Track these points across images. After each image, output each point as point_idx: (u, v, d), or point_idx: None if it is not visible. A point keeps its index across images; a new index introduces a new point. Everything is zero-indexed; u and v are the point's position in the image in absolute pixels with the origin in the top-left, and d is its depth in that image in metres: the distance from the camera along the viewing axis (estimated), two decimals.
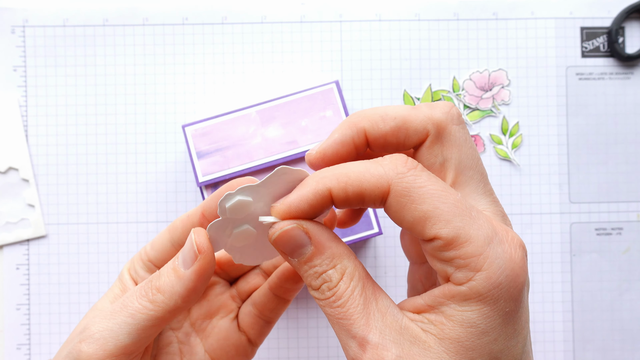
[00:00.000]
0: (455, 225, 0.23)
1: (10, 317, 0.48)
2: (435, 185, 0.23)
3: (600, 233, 0.49)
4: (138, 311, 0.27)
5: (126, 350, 0.27)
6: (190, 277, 0.27)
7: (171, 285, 0.27)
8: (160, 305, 0.27)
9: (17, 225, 0.48)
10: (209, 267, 0.27)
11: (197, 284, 0.27)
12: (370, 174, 0.23)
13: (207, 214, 0.30)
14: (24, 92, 0.48)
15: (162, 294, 0.27)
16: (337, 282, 0.24)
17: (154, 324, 0.27)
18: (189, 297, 0.27)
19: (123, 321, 0.27)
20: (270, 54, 0.49)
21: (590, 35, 0.49)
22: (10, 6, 0.48)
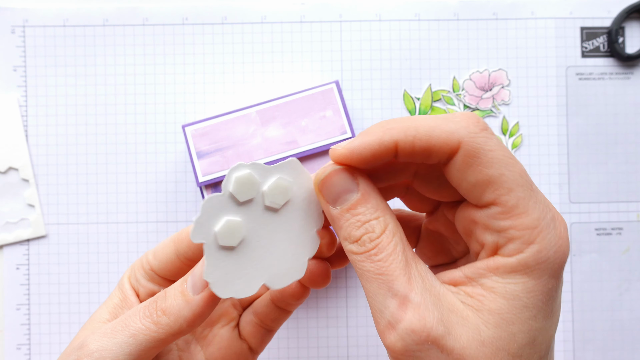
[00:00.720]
0: (516, 195, 0.22)
1: (10, 317, 0.48)
2: (504, 151, 0.23)
3: (600, 233, 0.49)
4: (140, 332, 0.27)
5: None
6: (198, 304, 0.27)
7: (178, 309, 0.27)
8: (165, 328, 0.27)
9: (17, 225, 0.48)
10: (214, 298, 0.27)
11: (205, 310, 0.27)
12: (441, 129, 0.23)
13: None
14: (24, 92, 0.48)
15: (168, 316, 0.27)
16: (380, 233, 0.23)
17: (156, 345, 0.27)
18: (195, 322, 0.27)
19: (124, 341, 0.27)
20: (270, 54, 0.49)
21: (590, 35, 0.49)
22: (10, 6, 0.48)
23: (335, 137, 0.43)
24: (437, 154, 0.23)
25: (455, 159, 0.23)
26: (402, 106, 0.49)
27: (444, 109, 0.49)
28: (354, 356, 0.48)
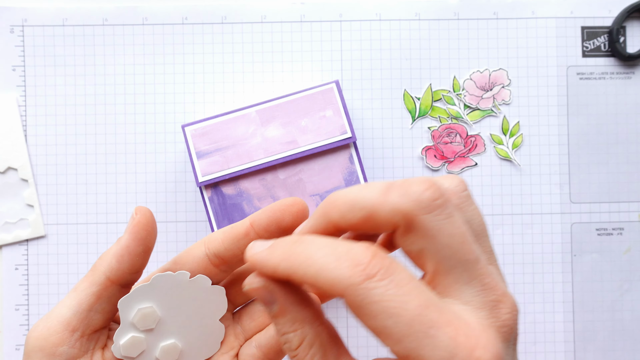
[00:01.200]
0: (405, 347, 0.21)
1: (9, 317, 0.48)
2: (393, 298, 0.21)
3: (601, 233, 0.49)
4: (79, 283, 0.29)
5: (69, 326, 0.28)
6: (123, 237, 0.29)
7: (108, 250, 0.29)
8: (98, 269, 0.28)
9: (16, 225, 0.48)
10: (141, 226, 0.29)
11: (130, 242, 0.28)
12: (325, 274, 0.21)
13: (256, 226, 0.29)
14: (23, 92, 0.48)
15: (100, 259, 0.29)
16: (296, 346, 0.24)
17: (92, 291, 0.28)
18: (122, 255, 0.28)
19: (67, 297, 0.29)
20: (270, 54, 0.49)
21: (591, 35, 0.49)
22: (9, 5, 0.48)
23: (335, 136, 0.43)
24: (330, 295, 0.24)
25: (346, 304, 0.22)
26: (402, 106, 0.49)
27: (444, 109, 0.49)
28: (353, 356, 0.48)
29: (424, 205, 0.22)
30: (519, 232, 0.49)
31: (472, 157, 0.49)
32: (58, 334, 0.28)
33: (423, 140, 0.49)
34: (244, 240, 0.29)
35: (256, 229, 0.29)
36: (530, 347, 0.48)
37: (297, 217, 0.28)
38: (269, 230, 0.29)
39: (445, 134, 0.49)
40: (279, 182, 0.43)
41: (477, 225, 0.24)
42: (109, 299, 0.29)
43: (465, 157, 0.49)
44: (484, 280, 0.22)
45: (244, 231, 0.29)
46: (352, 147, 0.43)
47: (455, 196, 0.24)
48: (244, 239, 0.29)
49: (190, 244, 0.48)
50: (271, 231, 0.29)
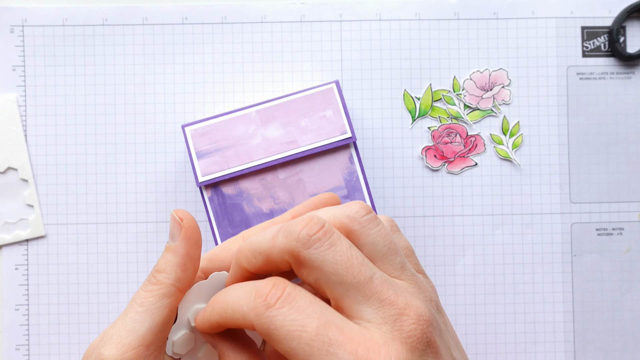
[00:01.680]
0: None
1: (9, 317, 0.48)
2: (292, 322, 0.23)
3: (601, 233, 0.49)
4: (146, 298, 0.28)
5: (144, 341, 0.28)
6: (180, 244, 0.29)
7: (167, 260, 0.29)
8: (164, 281, 0.28)
9: (16, 225, 0.48)
10: (193, 229, 0.29)
11: (189, 248, 0.29)
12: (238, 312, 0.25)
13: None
14: (23, 92, 0.48)
15: (163, 272, 0.29)
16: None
17: (164, 304, 0.28)
18: (185, 263, 0.29)
19: (135, 312, 0.28)
20: (270, 54, 0.49)
21: (591, 35, 0.49)
22: (9, 5, 0.48)
23: (335, 137, 0.43)
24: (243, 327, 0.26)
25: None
26: (402, 106, 0.49)
27: (444, 109, 0.49)
28: None
29: (303, 242, 0.24)
30: (519, 232, 0.49)
31: (472, 157, 0.49)
32: (134, 350, 0.27)
33: (423, 140, 0.49)
34: None
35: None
36: (531, 347, 0.48)
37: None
38: None
39: (445, 134, 0.49)
40: (279, 182, 0.43)
41: (382, 246, 0.26)
42: (176, 309, 0.29)
43: (465, 157, 0.49)
44: (380, 297, 0.24)
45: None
46: (352, 147, 0.43)
47: (353, 223, 0.26)
48: None
49: None
50: None
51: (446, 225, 0.49)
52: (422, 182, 0.49)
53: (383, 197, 0.48)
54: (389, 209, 0.48)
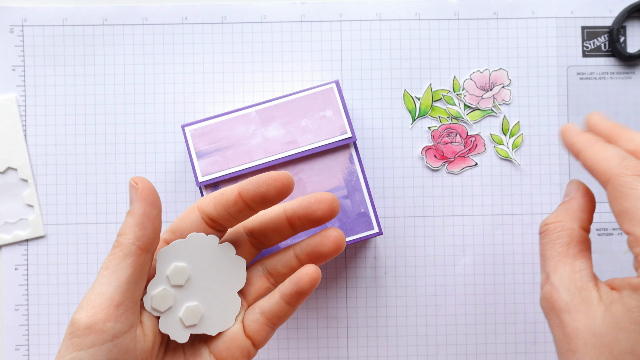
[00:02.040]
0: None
1: (8, 317, 0.47)
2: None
3: (602, 233, 0.49)
4: (110, 261, 0.29)
5: (113, 301, 0.29)
6: (136, 205, 0.30)
7: (126, 223, 0.30)
8: (124, 242, 0.29)
9: (16, 225, 0.48)
10: (148, 190, 0.30)
11: (145, 208, 0.30)
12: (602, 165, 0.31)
13: (244, 196, 0.31)
14: (22, 92, 0.48)
15: (123, 234, 0.30)
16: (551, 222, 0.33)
17: (127, 263, 0.29)
18: (142, 222, 0.30)
19: (101, 276, 0.29)
20: (270, 54, 0.49)
21: (591, 35, 0.49)
22: (8, 5, 0.48)
23: (335, 137, 0.42)
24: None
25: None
26: (402, 106, 0.49)
27: (444, 109, 0.49)
28: (354, 356, 0.48)
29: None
30: (519, 232, 0.49)
31: (472, 157, 0.49)
32: (104, 311, 0.28)
33: (423, 140, 0.49)
34: (234, 208, 0.31)
35: (244, 198, 0.31)
36: (531, 347, 0.48)
37: (281, 192, 0.31)
38: (255, 200, 0.31)
39: (445, 134, 0.49)
40: None
41: None
42: (142, 268, 0.30)
43: (465, 157, 0.49)
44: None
45: (233, 199, 0.31)
46: (352, 147, 0.43)
47: None
48: (233, 207, 0.31)
49: None
50: (257, 202, 0.31)
51: (446, 225, 0.49)
52: (422, 182, 0.49)
53: (383, 197, 0.48)
54: (389, 209, 0.48)
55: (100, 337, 0.28)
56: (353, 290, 0.48)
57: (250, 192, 0.31)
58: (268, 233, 0.34)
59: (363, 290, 0.48)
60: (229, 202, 0.31)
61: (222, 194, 0.32)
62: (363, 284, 0.48)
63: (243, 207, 0.31)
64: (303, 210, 0.32)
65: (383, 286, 0.48)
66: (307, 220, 0.33)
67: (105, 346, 0.28)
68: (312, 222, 0.33)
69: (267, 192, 0.31)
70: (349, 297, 0.48)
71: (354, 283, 0.48)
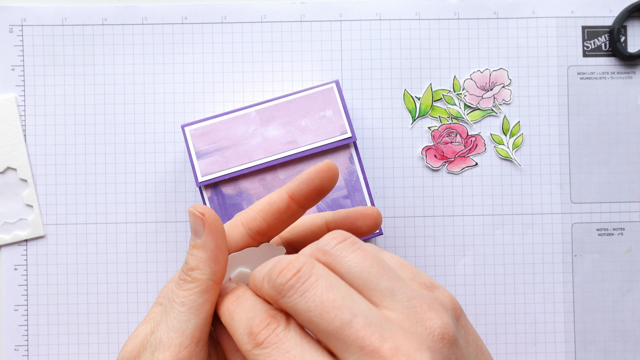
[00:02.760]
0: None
1: (8, 318, 0.47)
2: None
3: (602, 233, 0.49)
4: (185, 297, 0.28)
5: (194, 339, 0.28)
6: (207, 239, 0.29)
7: (197, 257, 0.29)
8: (200, 278, 0.28)
9: (15, 225, 0.48)
10: (216, 222, 0.29)
11: (217, 241, 0.29)
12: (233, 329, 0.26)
13: (297, 198, 0.30)
14: (22, 92, 0.48)
15: (196, 269, 0.28)
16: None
17: (205, 299, 0.28)
18: (217, 256, 0.29)
19: (178, 312, 0.28)
20: (270, 54, 0.49)
21: (591, 35, 0.49)
22: (8, 5, 0.48)
23: (335, 137, 0.42)
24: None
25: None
26: (402, 106, 0.49)
27: (444, 109, 0.49)
28: None
29: (278, 290, 0.24)
30: (519, 232, 0.49)
31: (473, 157, 0.49)
32: (186, 349, 0.28)
33: (423, 140, 0.49)
34: (287, 214, 0.30)
35: (297, 199, 0.30)
36: (531, 347, 0.48)
37: (333, 180, 0.30)
38: (310, 198, 0.30)
39: (445, 133, 0.49)
40: (279, 182, 0.43)
41: (359, 272, 0.24)
42: (213, 299, 0.29)
43: (465, 157, 0.49)
44: (361, 343, 0.22)
45: (285, 206, 0.30)
46: (352, 147, 0.43)
47: (325, 255, 0.25)
48: (286, 213, 0.30)
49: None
50: (312, 199, 0.30)
51: (446, 225, 0.49)
52: (422, 182, 0.49)
53: (383, 197, 0.48)
54: (389, 209, 0.48)
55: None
56: None
57: (304, 190, 0.30)
58: (307, 243, 0.33)
59: None
60: (280, 209, 0.30)
61: (269, 204, 0.30)
62: None
63: (296, 210, 0.30)
64: (348, 225, 0.31)
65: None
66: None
67: None
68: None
69: (322, 184, 0.30)
70: None
71: None
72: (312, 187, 0.30)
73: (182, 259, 0.48)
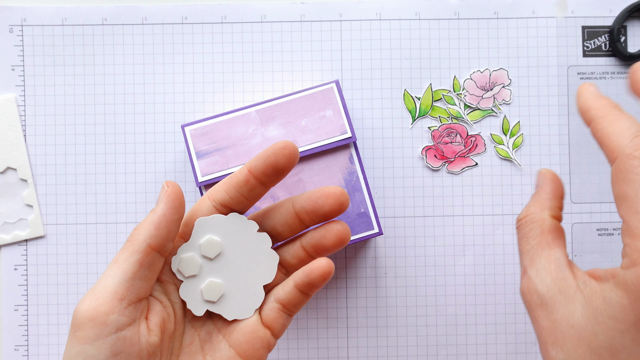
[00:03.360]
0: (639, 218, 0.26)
1: (8, 318, 0.47)
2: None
3: (602, 233, 0.49)
4: (120, 255, 0.30)
5: (117, 294, 0.29)
6: (159, 205, 0.30)
7: (144, 221, 0.30)
8: (138, 238, 0.30)
9: (15, 225, 0.48)
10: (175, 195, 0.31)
11: (166, 210, 0.30)
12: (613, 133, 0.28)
13: (254, 172, 0.31)
14: (22, 92, 0.48)
15: (138, 230, 0.30)
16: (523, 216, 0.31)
17: (135, 259, 0.30)
18: (160, 222, 0.30)
19: (109, 269, 0.30)
20: (270, 54, 0.49)
21: (591, 35, 0.49)
22: (8, 5, 0.48)
23: (335, 137, 0.42)
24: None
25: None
26: (402, 106, 0.49)
27: (444, 109, 0.49)
28: (354, 357, 0.48)
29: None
30: None
31: (473, 157, 0.49)
32: (107, 303, 0.29)
33: (423, 140, 0.49)
34: (245, 187, 0.32)
35: (254, 174, 0.31)
36: (531, 347, 0.48)
37: (290, 159, 0.31)
38: (266, 174, 0.31)
39: (445, 133, 0.49)
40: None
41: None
42: (150, 267, 0.30)
43: (465, 157, 0.49)
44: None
45: (244, 179, 0.32)
46: (352, 147, 0.43)
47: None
48: (245, 186, 0.32)
49: None
50: (269, 174, 0.31)
51: (446, 225, 0.49)
52: (422, 182, 0.49)
53: (383, 197, 0.48)
54: (389, 209, 0.48)
55: (103, 329, 0.28)
56: (353, 291, 0.48)
57: (260, 166, 0.31)
58: (278, 228, 0.33)
59: (363, 290, 0.48)
60: (239, 182, 0.32)
61: (230, 177, 0.32)
62: (363, 284, 0.48)
63: (255, 184, 0.31)
64: (311, 205, 0.32)
65: (383, 286, 0.48)
66: (315, 215, 0.32)
67: (109, 339, 0.28)
68: (320, 217, 0.32)
69: (277, 161, 0.31)
70: (349, 297, 0.48)
71: (354, 283, 0.48)
72: (268, 163, 0.31)
73: None
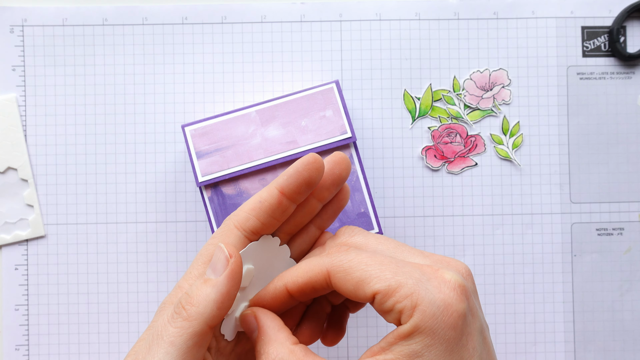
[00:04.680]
0: (385, 277, 0.26)
1: (8, 317, 0.47)
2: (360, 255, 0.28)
3: (602, 233, 0.49)
4: (176, 336, 0.27)
5: None
6: (223, 281, 0.28)
7: (205, 294, 0.27)
8: (197, 318, 0.27)
9: (16, 225, 0.48)
10: (239, 270, 0.28)
11: (230, 288, 0.28)
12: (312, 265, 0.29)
13: (287, 193, 0.30)
14: (22, 92, 0.48)
15: (197, 306, 0.27)
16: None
17: (196, 342, 0.27)
18: (223, 301, 0.27)
19: (165, 353, 0.26)
20: (270, 54, 0.49)
21: (591, 35, 0.49)
22: (9, 5, 0.48)
23: (335, 137, 0.42)
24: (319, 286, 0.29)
25: (332, 281, 0.28)
26: (402, 106, 0.49)
27: (444, 109, 0.49)
28: (354, 356, 0.48)
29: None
30: (519, 232, 0.49)
31: (472, 157, 0.49)
32: None
33: (423, 140, 0.49)
34: (279, 210, 0.30)
35: (287, 194, 0.30)
36: (531, 347, 0.48)
37: (321, 172, 0.30)
38: (299, 191, 0.30)
39: (445, 134, 0.49)
40: None
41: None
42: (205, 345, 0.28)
43: (465, 157, 0.49)
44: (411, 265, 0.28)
45: (276, 202, 0.30)
46: (352, 147, 0.43)
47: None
48: (278, 209, 0.30)
49: (190, 244, 0.48)
50: (302, 191, 0.30)
51: (446, 225, 0.49)
52: (422, 182, 0.49)
53: (383, 197, 0.48)
54: (389, 209, 0.48)
55: None
56: None
57: (293, 184, 0.30)
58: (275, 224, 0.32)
59: None
60: (272, 206, 0.30)
61: (260, 202, 0.30)
62: None
63: (287, 205, 0.30)
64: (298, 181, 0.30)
65: None
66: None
67: None
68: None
69: (310, 176, 0.30)
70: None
71: None
72: (301, 180, 0.30)
73: (182, 259, 0.48)
